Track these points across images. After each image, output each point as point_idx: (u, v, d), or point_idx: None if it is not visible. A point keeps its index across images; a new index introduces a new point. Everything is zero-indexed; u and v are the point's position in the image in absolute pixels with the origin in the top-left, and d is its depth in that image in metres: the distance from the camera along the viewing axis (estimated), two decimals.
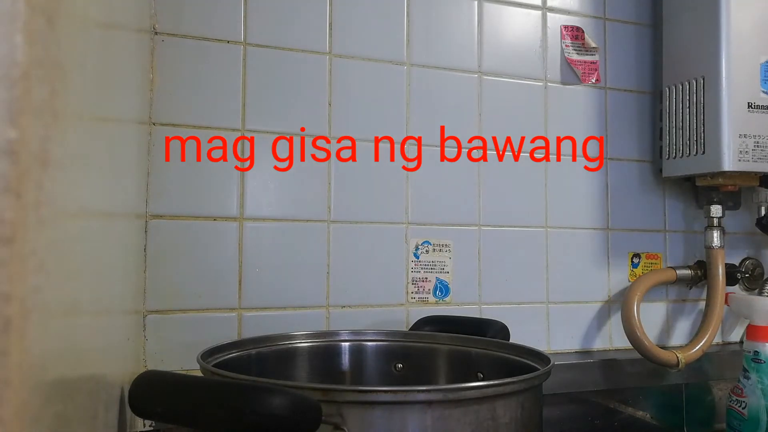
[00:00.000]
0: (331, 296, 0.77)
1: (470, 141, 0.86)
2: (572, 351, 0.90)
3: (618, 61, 0.95)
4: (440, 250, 0.83)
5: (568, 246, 0.90)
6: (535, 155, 0.89)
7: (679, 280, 0.92)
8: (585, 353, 0.90)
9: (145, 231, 0.70)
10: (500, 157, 0.87)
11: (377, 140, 0.81)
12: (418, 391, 0.43)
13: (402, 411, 0.42)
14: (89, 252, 0.33)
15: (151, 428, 0.65)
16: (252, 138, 0.75)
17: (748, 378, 0.79)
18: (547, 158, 0.89)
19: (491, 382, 0.46)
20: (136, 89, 0.60)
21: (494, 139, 0.87)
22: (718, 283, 0.89)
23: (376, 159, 0.81)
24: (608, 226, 0.93)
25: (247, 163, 0.75)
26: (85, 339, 0.33)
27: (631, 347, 0.86)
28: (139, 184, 0.65)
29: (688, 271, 0.92)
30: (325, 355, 0.68)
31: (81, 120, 0.30)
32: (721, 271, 0.89)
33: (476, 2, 0.88)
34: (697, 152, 0.85)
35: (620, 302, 0.90)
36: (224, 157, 0.74)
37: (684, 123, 0.88)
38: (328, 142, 0.78)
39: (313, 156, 0.78)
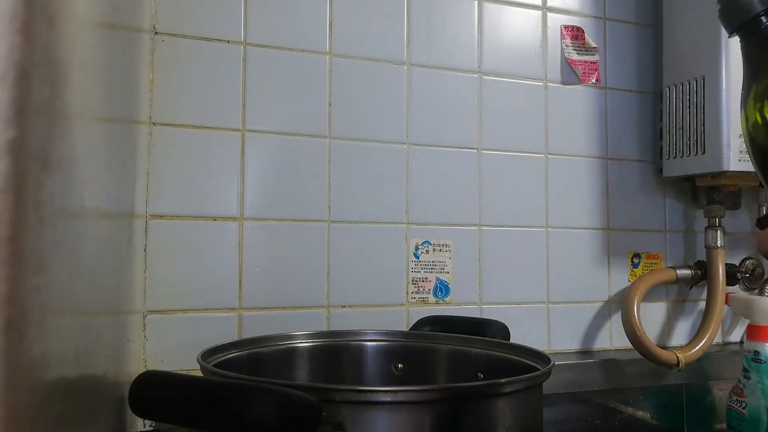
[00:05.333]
0: (331, 296, 0.77)
1: (470, 141, 0.86)
2: (572, 351, 0.89)
3: (618, 61, 0.95)
4: (440, 250, 0.83)
5: (569, 246, 0.90)
6: (535, 155, 0.89)
7: (679, 280, 0.92)
8: (585, 353, 0.89)
9: (145, 231, 0.70)
10: (500, 157, 0.87)
11: (377, 140, 0.81)
12: (418, 391, 0.43)
13: (402, 411, 0.42)
14: (89, 252, 0.33)
15: (151, 428, 0.65)
16: (252, 138, 0.75)
17: (748, 378, 0.79)
18: (547, 158, 0.89)
19: (491, 382, 0.46)
20: (136, 89, 0.60)
21: (494, 139, 0.87)
22: (718, 283, 0.89)
23: (376, 159, 0.81)
24: (608, 226, 0.93)
25: (247, 163, 0.75)
26: (84, 339, 0.33)
27: (631, 347, 0.86)
28: (139, 184, 0.65)
29: (688, 271, 0.92)
30: (325, 355, 0.68)
31: (81, 120, 0.30)
32: (721, 271, 0.89)
33: (476, 2, 0.87)
34: (697, 152, 0.85)
35: (620, 302, 0.90)
36: (224, 157, 0.74)
37: (684, 123, 0.88)
38: (328, 142, 0.78)
39: (314, 156, 0.78)
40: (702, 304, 0.95)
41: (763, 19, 0.36)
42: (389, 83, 0.82)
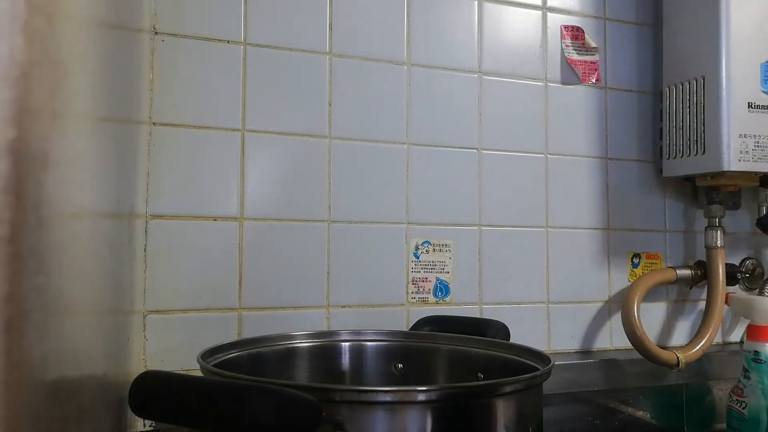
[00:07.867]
0: (331, 296, 0.77)
1: (470, 141, 0.85)
2: (572, 351, 0.89)
3: (618, 61, 0.95)
4: (440, 250, 0.83)
5: (569, 246, 0.90)
6: (535, 155, 0.89)
7: (679, 280, 0.92)
8: (585, 353, 0.89)
9: (145, 231, 0.70)
10: (500, 157, 0.87)
11: (377, 140, 0.81)
12: (418, 391, 0.43)
13: (402, 411, 0.42)
14: (89, 252, 0.33)
15: (151, 428, 0.65)
16: (252, 138, 0.75)
17: (748, 378, 0.79)
18: (547, 158, 0.89)
19: (491, 382, 0.46)
20: (136, 89, 0.60)
21: (494, 139, 0.87)
22: (718, 283, 0.89)
23: (376, 159, 0.81)
24: (608, 226, 0.93)
25: (247, 163, 0.74)
26: (84, 339, 0.33)
27: (631, 347, 0.86)
28: (139, 184, 0.65)
29: (688, 271, 0.92)
30: (325, 355, 0.68)
31: (81, 120, 0.30)
32: (721, 271, 0.89)
33: (476, 2, 0.87)
34: (697, 152, 0.85)
35: (620, 302, 0.90)
36: (224, 158, 0.74)
37: (684, 123, 0.88)
38: (328, 142, 0.78)
39: (314, 156, 0.78)
40: (702, 304, 0.95)
41: None
42: (389, 83, 0.82)
